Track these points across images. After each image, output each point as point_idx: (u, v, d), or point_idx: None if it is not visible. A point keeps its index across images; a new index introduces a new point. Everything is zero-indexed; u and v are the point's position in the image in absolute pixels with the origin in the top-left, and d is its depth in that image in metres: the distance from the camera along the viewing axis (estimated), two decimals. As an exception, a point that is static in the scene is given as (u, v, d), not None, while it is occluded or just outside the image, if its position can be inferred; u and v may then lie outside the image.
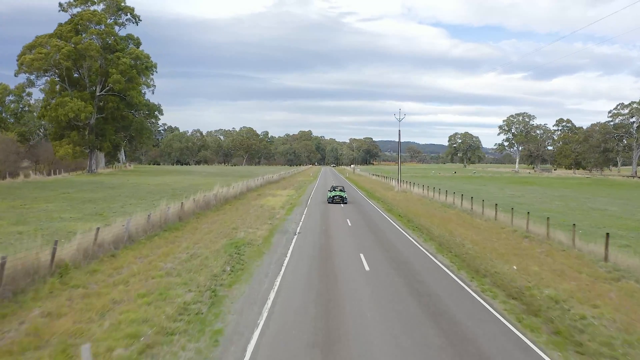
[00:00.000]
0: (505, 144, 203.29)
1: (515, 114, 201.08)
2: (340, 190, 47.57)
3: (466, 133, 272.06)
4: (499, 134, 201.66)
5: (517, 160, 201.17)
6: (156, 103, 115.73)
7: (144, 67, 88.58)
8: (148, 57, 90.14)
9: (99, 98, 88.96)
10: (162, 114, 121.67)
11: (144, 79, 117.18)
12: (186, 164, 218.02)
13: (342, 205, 43.57)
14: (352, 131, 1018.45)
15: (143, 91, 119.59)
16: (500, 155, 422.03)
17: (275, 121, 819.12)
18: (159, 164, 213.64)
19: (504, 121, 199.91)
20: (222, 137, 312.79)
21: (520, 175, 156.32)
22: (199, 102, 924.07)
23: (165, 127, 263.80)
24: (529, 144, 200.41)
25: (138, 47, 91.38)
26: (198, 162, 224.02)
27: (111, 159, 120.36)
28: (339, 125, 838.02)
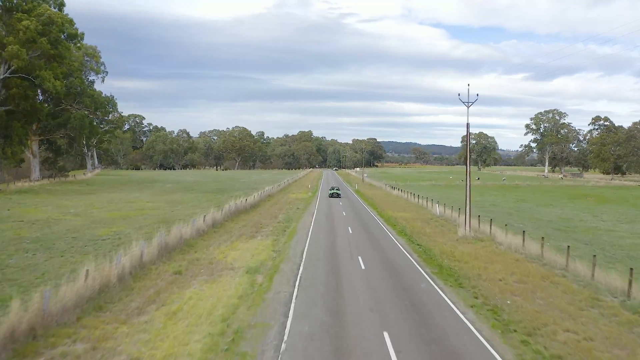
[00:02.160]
0: (533, 144, 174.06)
1: (544, 112, 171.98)
2: (337, 189, 67.66)
3: (480, 133, 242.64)
4: (526, 134, 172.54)
5: (547, 163, 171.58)
6: (108, 94, 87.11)
7: (60, 37, 59.10)
8: (70, 22, 60.66)
9: (3, 82, 59.88)
10: (116, 109, 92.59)
11: (89, 63, 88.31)
12: (170, 168, 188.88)
13: None
14: (353, 132, 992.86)
15: (91, 78, 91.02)
16: (512, 157, 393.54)
17: (276, 122, 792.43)
18: (140, 169, 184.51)
19: (531, 119, 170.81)
20: (215, 138, 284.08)
21: (562, 182, 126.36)
22: (200, 103, 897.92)
23: (151, 127, 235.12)
24: (559, 144, 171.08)
25: (60, 10, 62.03)
26: (184, 166, 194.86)
27: (51, 166, 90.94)
28: (340, 127, 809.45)
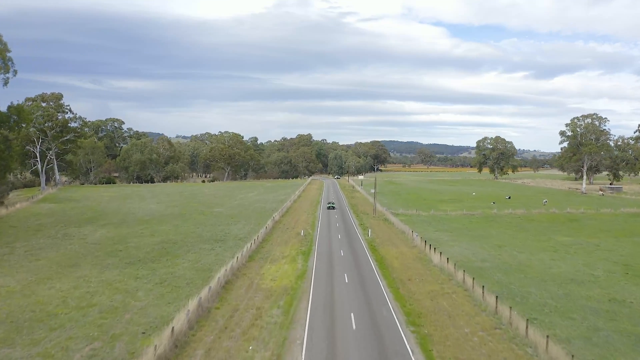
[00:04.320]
0: (564, 152, 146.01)
1: (581, 116, 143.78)
2: (332, 203, 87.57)
3: (498, 137, 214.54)
4: (561, 142, 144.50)
5: (585, 177, 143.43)
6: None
7: None
8: None
9: None
10: (26, 122, 64.63)
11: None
12: (148, 181, 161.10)
13: None
14: (354, 131, 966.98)
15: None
16: (515, 156, 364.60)
17: (276, 122, 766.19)
18: (113, 182, 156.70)
19: (567, 125, 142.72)
20: (208, 142, 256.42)
21: (620, 204, 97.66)
22: (200, 103, 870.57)
23: (132, 133, 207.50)
24: (598, 154, 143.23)
25: None
26: (165, 179, 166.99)
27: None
28: (340, 126, 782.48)
